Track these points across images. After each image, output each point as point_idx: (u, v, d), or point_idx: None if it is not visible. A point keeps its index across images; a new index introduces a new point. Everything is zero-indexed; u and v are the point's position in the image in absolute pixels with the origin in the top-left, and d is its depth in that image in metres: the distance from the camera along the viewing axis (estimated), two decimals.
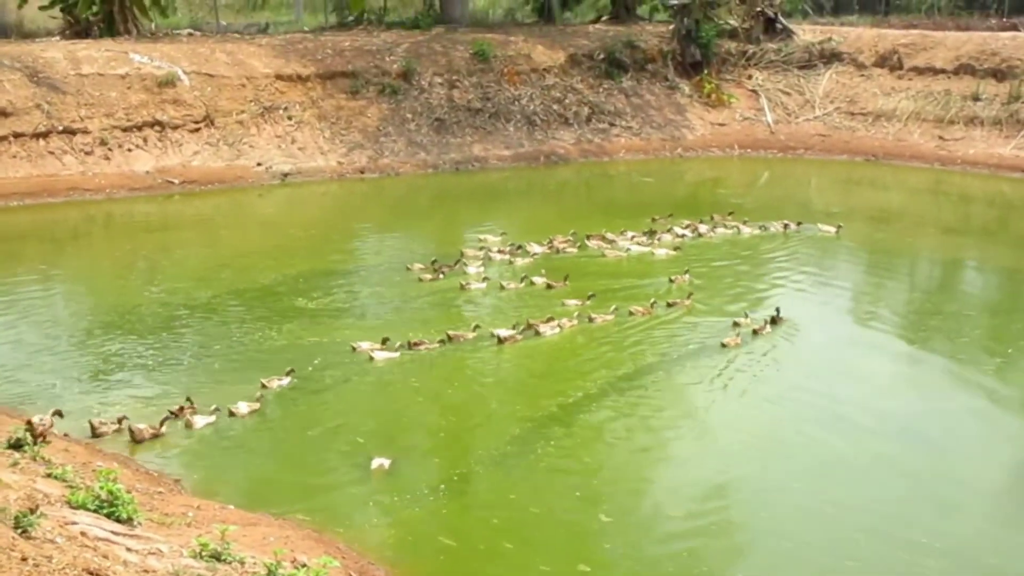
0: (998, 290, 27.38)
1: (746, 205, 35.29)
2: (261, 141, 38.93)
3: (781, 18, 51.53)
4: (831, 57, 49.25)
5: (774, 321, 22.20)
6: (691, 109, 47.91)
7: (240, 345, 21.04)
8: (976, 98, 43.72)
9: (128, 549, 10.46)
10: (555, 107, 45.46)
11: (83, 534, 10.10)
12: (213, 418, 17.21)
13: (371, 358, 20.04)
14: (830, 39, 49.95)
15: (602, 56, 47.94)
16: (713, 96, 48.35)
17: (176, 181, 36.06)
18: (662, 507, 14.95)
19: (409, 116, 42.32)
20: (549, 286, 24.80)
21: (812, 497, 15.21)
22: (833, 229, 30.26)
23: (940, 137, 43.46)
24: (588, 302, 23.37)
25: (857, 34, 50.40)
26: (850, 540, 13.94)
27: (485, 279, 25.26)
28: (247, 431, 17.03)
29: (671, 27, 50.76)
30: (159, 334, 21.57)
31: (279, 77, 40.76)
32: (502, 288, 24.76)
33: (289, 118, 39.99)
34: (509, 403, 18.61)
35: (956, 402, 19.00)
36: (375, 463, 15.46)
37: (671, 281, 25.14)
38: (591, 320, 22.36)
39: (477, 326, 21.61)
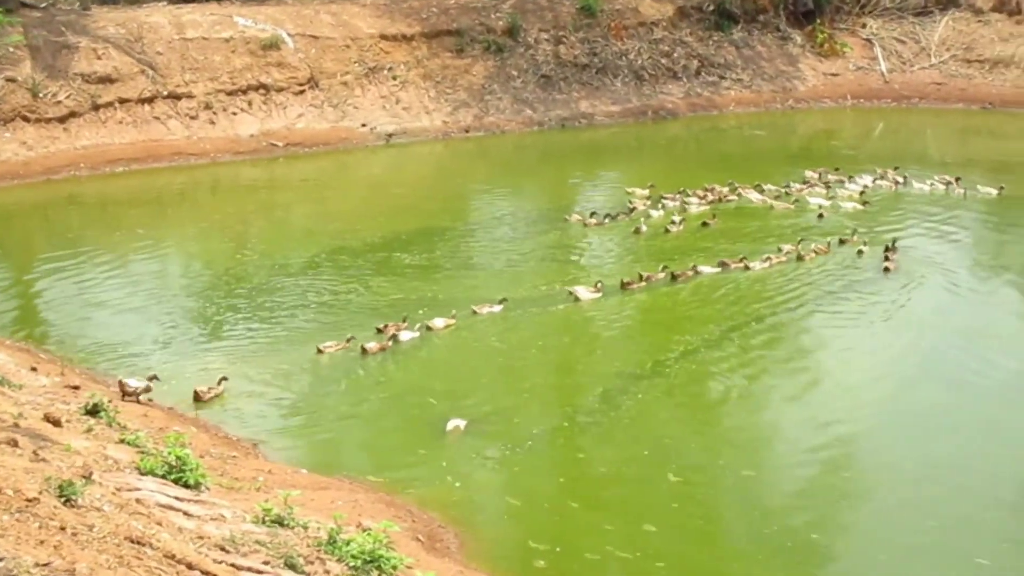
0: None
1: (860, 157, 34.52)
2: (366, 102, 38.92)
3: None
4: (947, 3, 47.73)
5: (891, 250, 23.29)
6: (803, 60, 46.89)
7: (340, 301, 21.41)
8: None
9: (187, 515, 10.48)
10: (663, 61, 44.77)
11: (138, 501, 10.12)
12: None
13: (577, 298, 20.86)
14: None
15: (711, 7, 47.02)
16: (826, 46, 47.23)
17: (280, 144, 36.22)
18: (733, 467, 14.68)
19: (515, 73, 42.00)
20: (705, 223, 26.28)
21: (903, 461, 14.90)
22: (994, 191, 29.19)
23: None
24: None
25: None
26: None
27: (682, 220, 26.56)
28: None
29: None
30: (259, 296, 21.81)
31: (383, 37, 40.68)
32: (667, 231, 25.71)
33: (394, 78, 39.92)
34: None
35: None
36: (450, 425, 15.38)
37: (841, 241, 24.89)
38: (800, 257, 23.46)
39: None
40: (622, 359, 18.55)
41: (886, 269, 22.57)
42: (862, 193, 28.55)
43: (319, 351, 18.38)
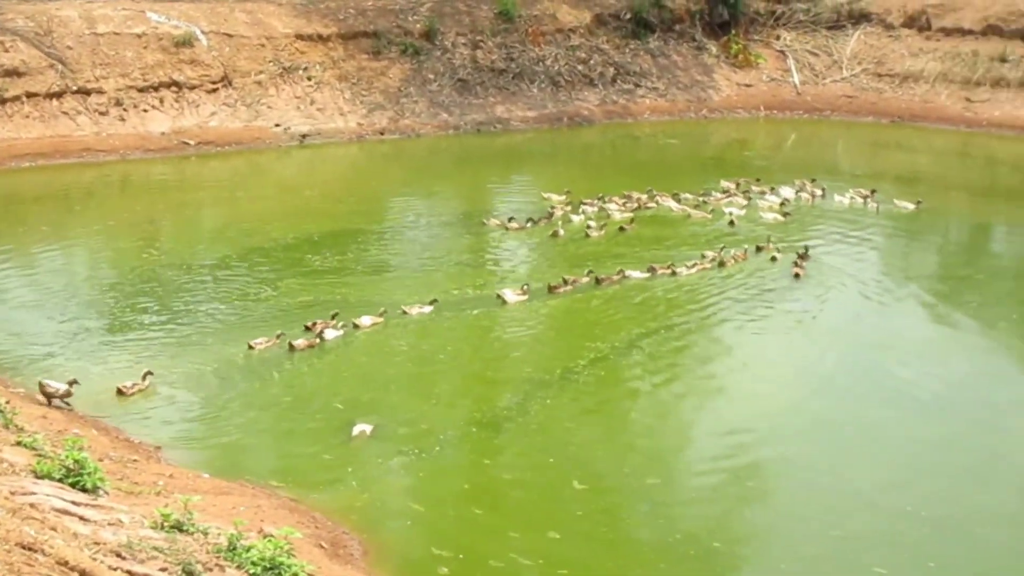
0: (1019, 254, 27.11)
1: (772, 167, 34.86)
2: (280, 102, 38.64)
3: None
4: (859, 18, 48.45)
5: (803, 257, 23.88)
6: (718, 70, 47.32)
7: (249, 302, 21.17)
8: (1003, 59, 42.98)
9: (83, 520, 10.26)
10: (580, 68, 44.93)
11: (32, 505, 9.90)
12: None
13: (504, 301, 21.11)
14: None
15: (629, 16, 47.29)
16: (740, 57, 47.70)
17: (192, 142, 35.86)
18: (637, 475, 14.72)
19: (431, 77, 41.91)
20: (622, 228, 26.62)
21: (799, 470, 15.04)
22: (912, 205, 29.36)
23: (967, 99, 42.80)
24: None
25: None
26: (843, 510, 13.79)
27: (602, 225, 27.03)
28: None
29: None
30: (166, 295, 21.55)
31: (299, 37, 40.41)
32: (587, 236, 25.97)
33: (309, 79, 39.66)
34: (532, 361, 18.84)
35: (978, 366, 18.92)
36: (356, 429, 15.28)
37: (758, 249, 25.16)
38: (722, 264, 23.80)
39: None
40: (534, 364, 18.55)
41: (796, 275, 22.92)
42: (782, 204, 28.76)
43: (250, 347, 18.33)
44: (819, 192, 30.42)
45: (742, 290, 22.25)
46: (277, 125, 37.84)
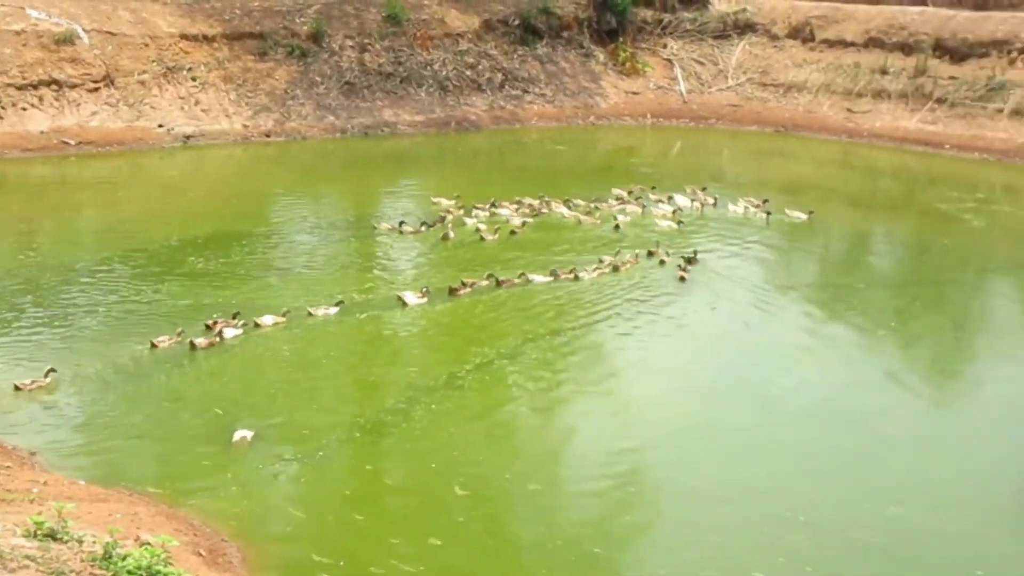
0: (897, 263, 27.64)
1: (658, 175, 35.16)
2: (163, 102, 38.05)
3: None
4: (745, 28, 49.16)
5: (691, 261, 24.37)
6: (605, 77, 47.62)
7: (130, 304, 20.84)
8: (884, 71, 43.92)
9: None
10: (468, 73, 44.92)
11: None
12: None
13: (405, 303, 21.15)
14: (744, 10, 49.82)
15: (517, 22, 47.39)
16: (627, 64, 48.05)
17: (72, 142, 35.12)
18: (520, 481, 14.75)
19: (318, 79, 41.61)
20: (513, 232, 26.81)
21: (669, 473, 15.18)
22: (804, 215, 29.56)
23: (848, 110, 43.65)
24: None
25: (771, 5, 50.26)
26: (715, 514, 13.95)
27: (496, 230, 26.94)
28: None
29: None
30: (43, 298, 21.14)
31: (184, 37, 39.82)
32: (482, 240, 26.05)
33: (193, 79, 39.14)
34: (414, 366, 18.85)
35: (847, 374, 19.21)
36: (237, 435, 15.11)
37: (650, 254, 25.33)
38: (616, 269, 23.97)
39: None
40: (422, 368, 18.54)
41: (681, 279, 23.30)
42: (675, 213, 29.00)
43: (153, 345, 18.21)
44: (711, 201, 30.72)
45: (631, 295, 22.43)
46: (160, 126, 37.25)
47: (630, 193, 31.02)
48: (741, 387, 18.44)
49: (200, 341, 18.50)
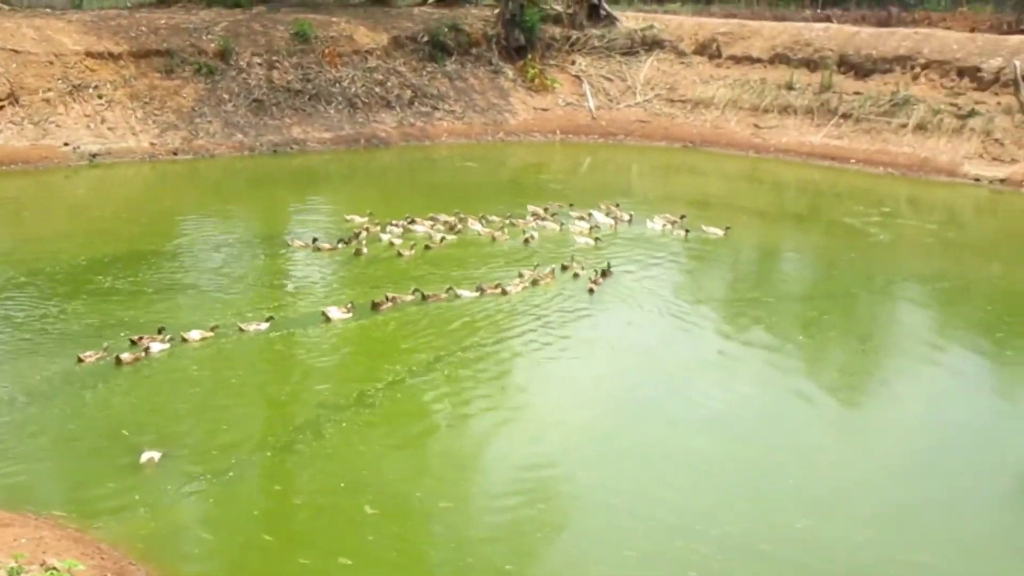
0: (805, 276, 28.02)
1: (568, 191, 35.33)
2: (69, 120, 37.64)
3: (605, 4, 51.69)
4: (652, 44, 49.73)
5: (604, 274, 24.85)
6: (514, 93, 47.88)
7: (37, 324, 20.64)
8: (790, 87, 44.67)
9: None
10: (377, 90, 44.94)
11: None
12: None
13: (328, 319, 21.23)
14: (652, 26, 50.40)
15: (426, 39, 47.56)
16: (536, 81, 48.37)
17: None
18: (430, 499, 14.76)
19: (226, 97, 41.41)
20: (427, 247, 27.05)
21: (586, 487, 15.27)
22: (721, 231, 29.85)
23: (755, 125, 44.29)
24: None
25: (678, 22, 50.96)
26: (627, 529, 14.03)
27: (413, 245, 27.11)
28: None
29: (496, 11, 50.59)
30: None
31: (89, 54, 39.43)
32: (399, 255, 26.24)
33: (99, 97, 38.76)
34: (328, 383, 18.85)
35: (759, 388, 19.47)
36: (144, 456, 14.99)
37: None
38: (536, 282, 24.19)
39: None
40: (335, 386, 18.50)
41: (590, 291, 23.67)
42: (592, 230, 29.19)
43: (80, 360, 18.18)
44: (626, 217, 30.98)
45: (547, 310, 22.56)
46: (66, 144, 36.84)
47: (546, 210, 31.18)
48: (650, 401, 18.58)
49: (126, 356, 18.44)
